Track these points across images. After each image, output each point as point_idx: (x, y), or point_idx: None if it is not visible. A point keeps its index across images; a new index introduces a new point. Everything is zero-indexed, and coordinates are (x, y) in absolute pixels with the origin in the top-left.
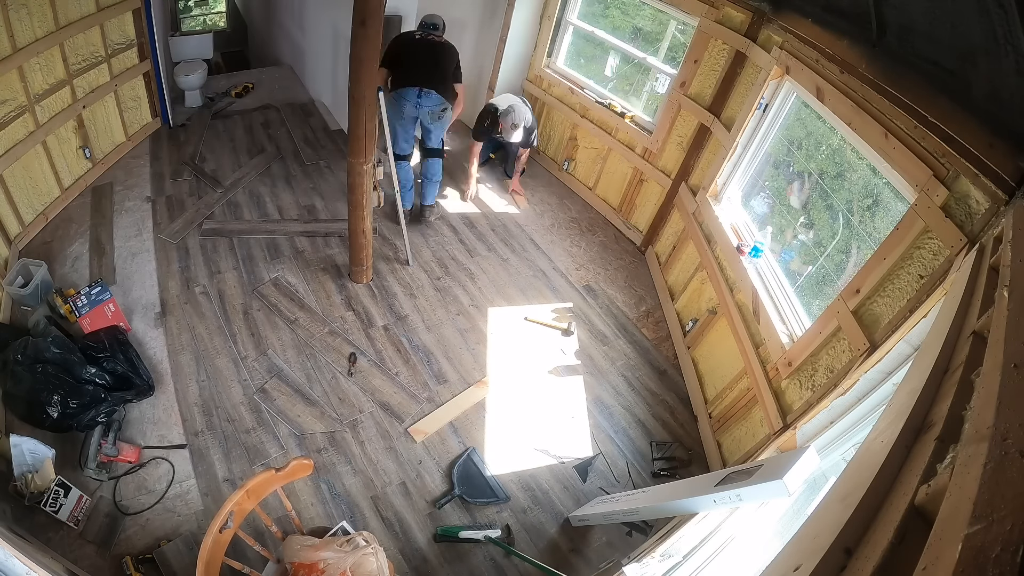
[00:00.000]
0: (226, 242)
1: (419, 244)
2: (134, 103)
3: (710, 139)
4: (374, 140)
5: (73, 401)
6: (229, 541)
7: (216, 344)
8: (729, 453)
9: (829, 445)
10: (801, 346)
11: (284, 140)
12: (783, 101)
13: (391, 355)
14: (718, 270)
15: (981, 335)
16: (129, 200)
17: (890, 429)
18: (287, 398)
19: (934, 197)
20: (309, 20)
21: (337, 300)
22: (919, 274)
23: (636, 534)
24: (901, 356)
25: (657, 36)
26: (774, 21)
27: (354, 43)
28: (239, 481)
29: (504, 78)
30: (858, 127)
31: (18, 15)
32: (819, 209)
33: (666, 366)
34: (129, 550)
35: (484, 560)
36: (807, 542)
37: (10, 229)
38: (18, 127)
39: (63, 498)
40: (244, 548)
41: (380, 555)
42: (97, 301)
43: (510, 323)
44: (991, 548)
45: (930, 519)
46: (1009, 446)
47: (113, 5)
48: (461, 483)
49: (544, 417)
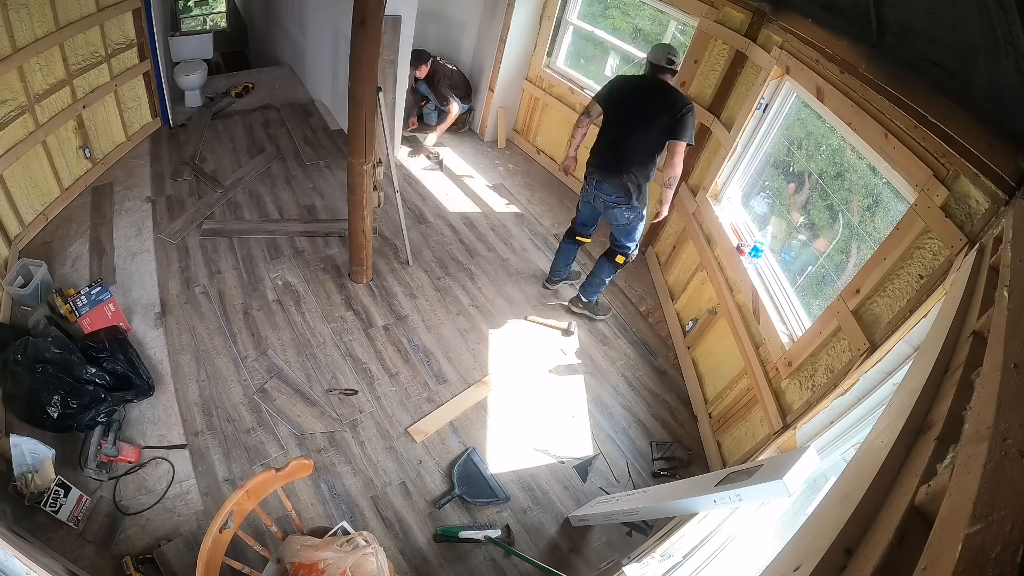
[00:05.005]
0: (226, 242)
1: (419, 244)
2: (134, 103)
3: (710, 139)
4: (374, 140)
5: (73, 401)
6: (229, 541)
7: (216, 344)
8: (729, 453)
9: (829, 445)
10: (801, 346)
11: (284, 140)
12: (783, 101)
13: (391, 355)
14: (718, 270)
15: (981, 335)
16: (129, 200)
17: (890, 429)
18: (287, 398)
19: (934, 197)
20: (309, 20)
21: (337, 300)
22: (919, 274)
23: (636, 534)
24: (901, 356)
25: (657, 36)
26: (774, 21)
27: (354, 43)
28: (239, 481)
29: (504, 78)
30: (858, 127)
31: (18, 15)
32: (819, 209)
33: (666, 366)
34: (129, 550)
35: (484, 560)
36: (807, 542)
37: (10, 229)
38: (18, 127)
39: (63, 498)
40: (244, 548)
41: (380, 555)
42: (97, 301)
43: (510, 323)
44: (991, 548)
45: (930, 519)
46: (1009, 446)
47: (113, 5)
48: (461, 483)
49: (544, 417)
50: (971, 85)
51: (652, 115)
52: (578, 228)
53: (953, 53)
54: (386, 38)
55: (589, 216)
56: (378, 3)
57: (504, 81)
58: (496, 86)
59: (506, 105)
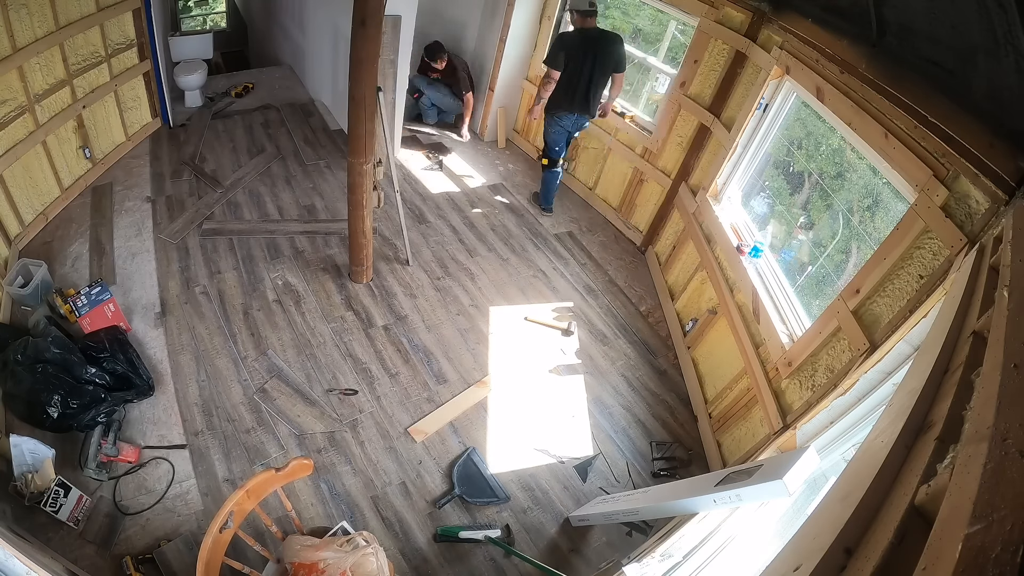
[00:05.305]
0: (226, 242)
1: (419, 244)
2: (134, 103)
3: (710, 139)
4: (374, 140)
5: (73, 401)
6: (229, 541)
7: (216, 344)
8: (729, 453)
9: (829, 445)
10: (801, 346)
11: (284, 140)
12: (783, 101)
13: (391, 355)
14: (718, 270)
15: (981, 335)
16: (129, 200)
17: (890, 429)
18: (287, 398)
19: (934, 197)
20: (309, 20)
21: (337, 300)
22: (919, 274)
23: (636, 534)
24: (901, 356)
25: (657, 36)
26: (774, 21)
27: (354, 43)
28: (239, 481)
29: (504, 78)
30: (858, 127)
31: (18, 15)
32: (819, 209)
33: (666, 366)
34: (129, 550)
35: (484, 560)
36: (807, 542)
37: (10, 229)
38: (18, 127)
39: (63, 498)
40: (244, 548)
41: (380, 555)
42: (97, 301)
43: (510, 323)
44: (991, 548)
45: (930, 519)
46: (1009, 446)
47: (113, 5)
48: (461, 483)
49: (544, 417)
50: (971, 85)
51: (604, 59)
52: (560, 154)
53: (953, 53)
54: (386, 38)
55: (565, 142)
56: (378, 3)
57: (504, 81)
58: (496, 86)
59: (506, 105)
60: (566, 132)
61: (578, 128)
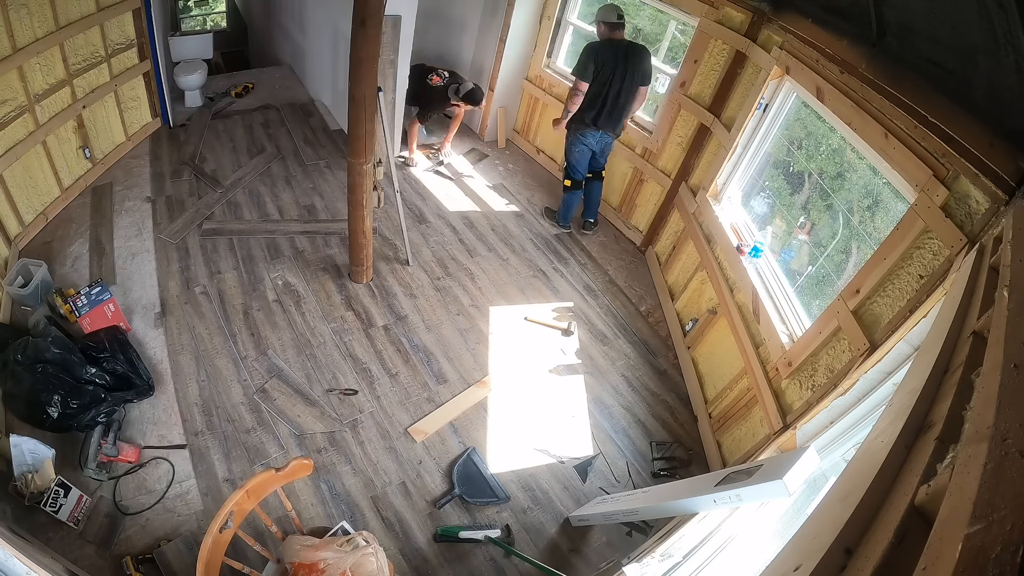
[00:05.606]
0: (226, 242)
1: (419, 244)
2: (134, 103)
3: (710, 139)
4: (374, 140)
5: (73, 401)
6: (229, 541)
7: (216, 344)
8: (729, 453)
9: (829, 445)
10: (801, 346)
11: (284, 140)
12: (783, 101)
13: (391, 355)
14: (718, 270)
15: (981, 335)
16: (129, 200)
17: (890, 429)
18: (287, 398)
19: (934, 197)
20: (309, 20)
21: (337, 300)
22: (919, 274)
23: (636, 534)
24: (901, 356)
25: (657, 36)
26: (774, 21)
27: (354, 43)
28: (239, 481)
29: (504, 78)
30: (858, 127)
31: (18, 15)
32: (819, 209)
33: (666, 366)
34: (129, 550)
35: (484, 560)
36: (807, 542)
37: (10, 229)
38: (18, 127)
39: (63, 498)
40: (244, 548)
41: (380, 555)
42: (97, 301)
43: (510, 323)
44: (991, 548)
45: (930, 519)
46: (1009, 446)
47: (113, 5)
48: (461, 483)
49: (544, 417)
50: (971, 85)
51: (633, 73)
52: (583, 175)
53: (953, 53)
54: (386, 38)
55: (588, 161)
56: (378, 3)
57: (504, 81)
58: (496, 86)
59: (506, 105)
60: (590, 151)
61: (603, 147)
